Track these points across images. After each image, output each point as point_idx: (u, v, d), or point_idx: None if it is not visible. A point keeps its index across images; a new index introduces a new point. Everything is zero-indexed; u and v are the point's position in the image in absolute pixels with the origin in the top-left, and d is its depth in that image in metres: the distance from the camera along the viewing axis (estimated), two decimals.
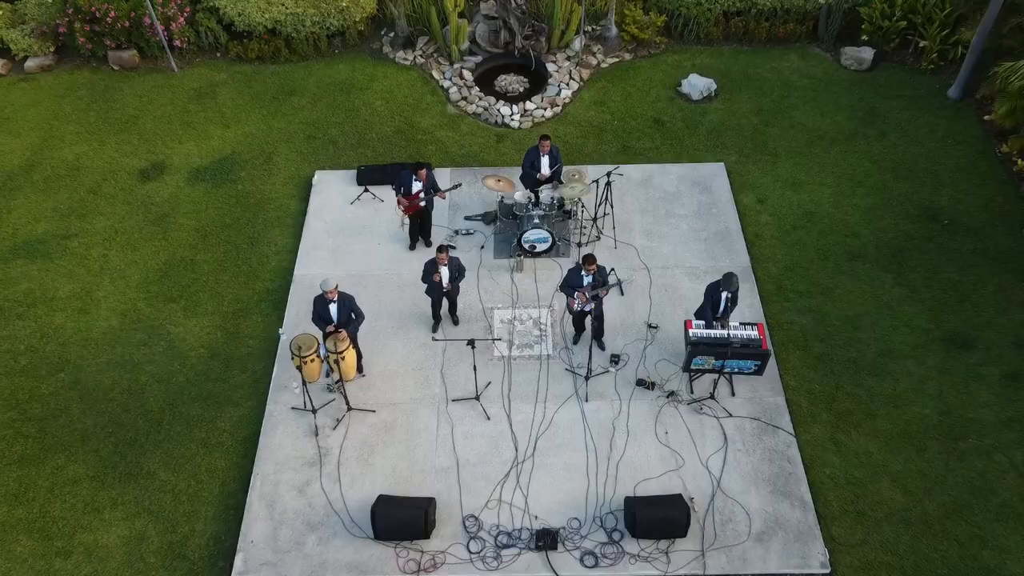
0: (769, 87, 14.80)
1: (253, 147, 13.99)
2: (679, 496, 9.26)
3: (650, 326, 11.13)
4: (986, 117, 13.72)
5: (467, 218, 12.57)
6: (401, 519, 9.07)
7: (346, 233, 12.51)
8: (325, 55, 15.73)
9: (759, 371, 9.96)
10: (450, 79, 15.11)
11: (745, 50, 15.62)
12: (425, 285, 10.58)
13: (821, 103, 14.45)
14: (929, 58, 14.67)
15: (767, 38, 15.60)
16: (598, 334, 10.79)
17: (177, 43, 15.25)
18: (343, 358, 9.80)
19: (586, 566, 9.00)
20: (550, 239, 11.75)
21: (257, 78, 15.28)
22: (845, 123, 14.07)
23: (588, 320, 10.63)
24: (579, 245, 12.09)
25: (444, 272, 10.38)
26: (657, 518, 9.04)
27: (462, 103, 14.72)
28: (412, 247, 12.16)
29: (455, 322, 11.24)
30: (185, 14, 15.22)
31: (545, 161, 11.70)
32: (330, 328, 10.02)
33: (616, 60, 15.52)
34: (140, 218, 12.91)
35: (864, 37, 15.07)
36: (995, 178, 13.02)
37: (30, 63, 15.42)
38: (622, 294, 11.47)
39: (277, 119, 14.46)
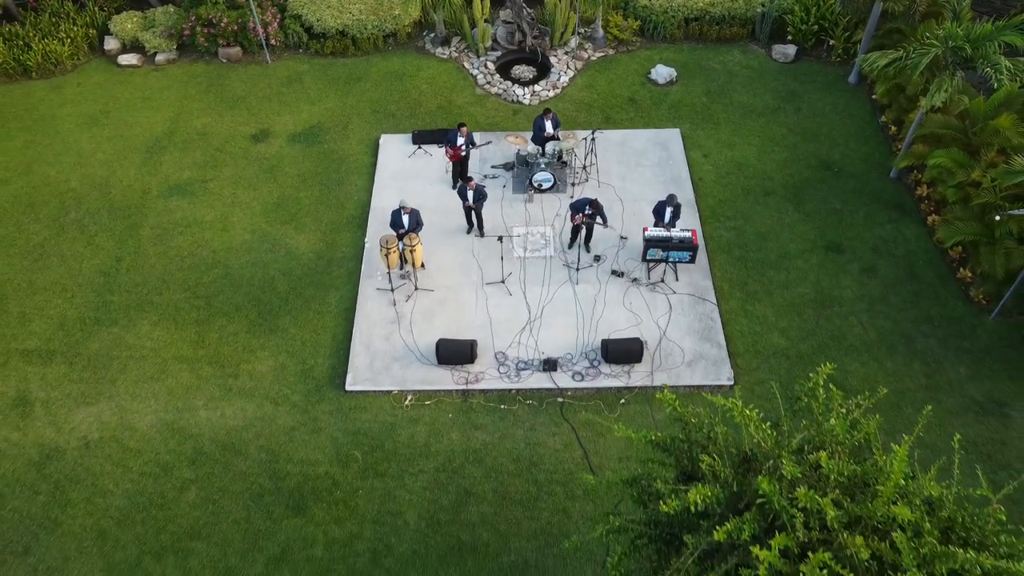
0: (716, 75, 19.62)
1: (333, 118, 18.86)
2: (637, 339, 14.09)
3: (622, 237, 15.98)
4: (872, 96, 18.54)
5: (493, 166, 17.40)
6: (455, 351, 13.93)
7: (406, 178, 17.36)
8: (382, 51, 20.62)
9: (692, 260, 14.78)
10: (477, 69, 19.95)
11: (700, 47, 20.45)
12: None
13: (754, 87, 19.28)
14: (836, 53, 19.49)
15: (717, 38, 20.42)
16: (587, 241, 15.65)
17: (272, 42, 20.15)
18: (414, 250, 14.69)
19: (575, 380, 13.85)
20: (552, 180, 16.62)
21: (332, 68, 20.16)
22: (771, 101, 18.90)
23: (581, 233, 15.46)
24: (573, 184, 16.94)
25: (469, 195, 15.24)
26: (622, 350, 13.89)
27: (487, 86, 19.57)
28: (454, 187, 16.97)
29: (481, 235, 16.04)
30: (277, 20, 20.12)
31: (548, 124, 16.56)
32: (400, 232, 14.88)
33: (602, 55, 20.35)
34: (256, 168, 17.79)
35: (789, 37, 19.89)
36: (875, 140, 17.86)
37: (159, 57, 20.32)
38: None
39: (349, 98, 19.33)
